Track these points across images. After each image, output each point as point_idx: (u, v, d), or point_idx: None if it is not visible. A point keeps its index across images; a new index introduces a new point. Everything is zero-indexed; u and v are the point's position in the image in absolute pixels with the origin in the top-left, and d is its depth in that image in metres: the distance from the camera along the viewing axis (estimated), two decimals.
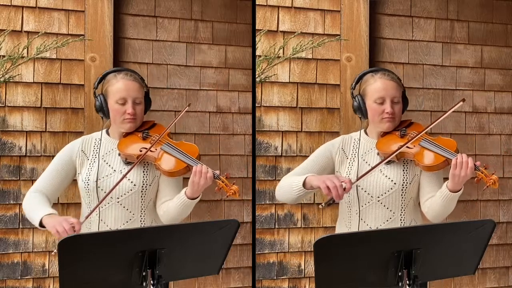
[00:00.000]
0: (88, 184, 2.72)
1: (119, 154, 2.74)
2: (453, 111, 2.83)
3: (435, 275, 2.33)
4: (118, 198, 2.70)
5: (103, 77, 2.81)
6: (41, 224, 2.67)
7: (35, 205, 2.72)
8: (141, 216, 2.74)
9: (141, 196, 2.72)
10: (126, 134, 2.76)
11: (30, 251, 3.49)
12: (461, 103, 2.75)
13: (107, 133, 2.83)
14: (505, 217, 4.06)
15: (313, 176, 2.74)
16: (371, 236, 2.22)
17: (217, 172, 2.63)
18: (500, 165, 4.03)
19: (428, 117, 3.88)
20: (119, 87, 2.74)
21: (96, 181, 2.70)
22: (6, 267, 3.46)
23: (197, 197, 2.66)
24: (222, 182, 2.62)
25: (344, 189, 2.64)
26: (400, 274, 2.18)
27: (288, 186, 2.80)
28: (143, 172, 2.73)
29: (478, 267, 2.35)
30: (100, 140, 2.79)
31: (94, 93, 2.82)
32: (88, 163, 2.76)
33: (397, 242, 2.16)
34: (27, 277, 3.49)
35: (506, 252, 4.06)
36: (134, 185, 2.71)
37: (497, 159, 4.03)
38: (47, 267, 3.50)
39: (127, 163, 2.73)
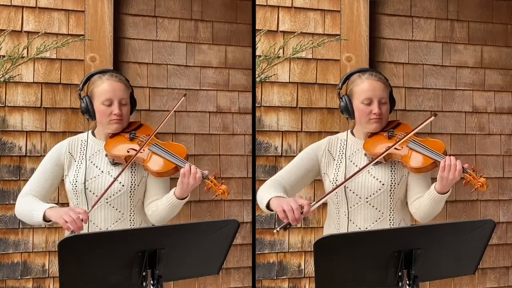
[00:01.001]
0: (76, 186, 2.72)
1: (106, 155, 2.75)
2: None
3: (435, 275, 2.33)
4: (107, 198, 2.71)
5: (88, 78, 2.81)
6: (44, 218, 2.63)
7: (32, 204, 2.70)
8: (130, 215, 2.75)
9: (130, 197, 2.74)
10: (113, 135, 2.77)
11: (30, 251, 3.49)
12: (432, 117, 2.75)
13: (93, 134, 2.83)
14: (505, 217, 4.06)
15: (276, 199, 2.68)
16: (371, 236, 2.22)
17: (206, 172, 2.64)
18: (500, 165, 4.03)
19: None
20: (104, 88, 2.74)
21: (84, 183, 2.71)
22: (6, 267, 3.46)
23: (186, 197, 2.67)
24: (211, 182, 2.63)
25: (302, 212, 2.58)
26: (400, 274, 2.18)
27: (260, 200, 2.78)
28: (131, 172, 2.74)
29: (478, 267, 2.35)
30: (87, 141, 2.80)
31: (79, 95, 2.82)
32: (75, 164, 2.77)
33: (397, 242, 2.16)
34: (27, 277, 3.49)
35: (506, 252, 4.06)
36: (123, 185, 2.72)
37: (497, 159, 4.03)
38: (47, 267, 3.50)
39: (115, 163, 2.74)
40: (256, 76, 3.69)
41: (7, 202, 3.46)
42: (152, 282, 2.16)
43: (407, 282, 2.18)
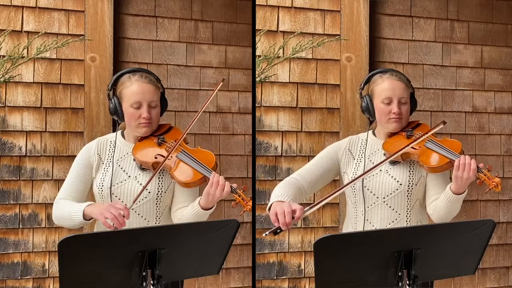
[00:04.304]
0: (102, 190, 2.64)
1: (134, 160, 2.67)
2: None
3: (435, 275, 2.33)
4: (133, 205, 2.63)
5: (118, 78, 2.70)
6: (84, 217, 2.54)
7: (69, 206, 2.61)
8: (156, 223, 2.66)
9: (156, 204, 2.66)
10: (142, 138, 2.68)
11: (30, 251, 3.49)
12: (441, 125, 2.73)
13: (122, 135, 2.74)
14: (505, 217, 4.06)
15: (275, 203, 2.64)
16: (371, 236, 2.22)
17: (234, 185, 2.55)
18: (500, 165, 4.03)
19: (428, 117, 3.88)
20: (133, 90, 2.64)
21: (110, 188, 2.63)
22: (6, 267, 3.46)
23: (211, 208, 2.59)
24: (239, 196, 2.55)
25: (293, 218, 2.55)
26: (400, 274, 2.18)
27: (271, 198, 2.75)
28: (159, 179, 2.65)
29: (478, 267, 2.35)
30: (115, 143, 2.71)
31: (108, 95, 2.71)
32: (103, 167, 2.68)
33: (397, 242, 2.16)
34: (27, 277, 3.49)
35: (506, 252, 4.06)
36: (149, 192, 2.64)
37: (497, 159, 4.03)
38: (47, 267, 3.50)
39: (142, 168, 2.66)
40: (256, 76, 3.69)
41: (7, 202, 3.46)
42: (152, 282, 2.16)
43: (407, 282, 2.18)
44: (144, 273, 2.15)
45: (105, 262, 2.11)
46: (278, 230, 2.54)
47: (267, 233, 2.52)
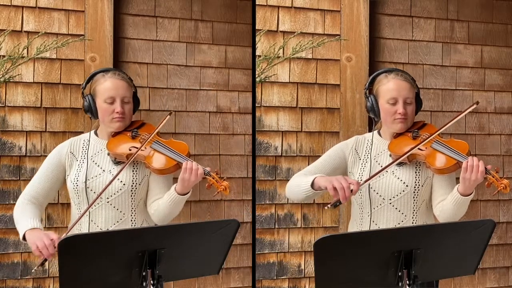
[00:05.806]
0: (77, 185, 2.70)
1: (108, 154, 2.73)
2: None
3: (435, 275, 2.33)
4: (108, 198, 2.69)
5: (91, 77, 2.80)
6: (24, 238, 2.66)
7: (21, 217, 2.71)
8: (131, 215, 2.73)
9: (131, 196, 2.71)
10: (115, 134, 2.76)
11: (30, 251, 3.48)
12: (475, 105, 2.71)
13: (96, 134, 2.82)
14: (505, 217, 4.06)
15: (322, 177, 2.69)
16: (371, 236, 2.22)
17: (208, 168, 2.63)
18: (500, 165, 4.03)
19: (428, 117, 3.88)
20: (107, 86, 2.73)
21: (85, 182, 2.69)
22: (6, 267, 3.46)
23: (187, 193, 2.66)
24: (213, 178, 2.61)
25: (351, 191, 2.59)
26: (400, 274, 2.18)
27: (297, 186, 2.76)
28: (133, 171, 2.72)
29: (478, 267, 2.35)
30: (89, 141, 2.78)
31: (82, 93, 2.80)
32: (77, 164, 2.75)
33: (397, 242, 2.16)
34: (27, 277, 3.49)
35: (506, 252, 4.06)
36: (124, 184, 2.70)
37: (497, 159, 4.03)
38: (47, 267, 3.50)
39: (117, 162, 2.72)
40: (256, 76, 3.69)
41: (7, 202, 3.46)
42: (152, 282, 2.16)
43: (407, 282, 2.18)
44: (144, 273, 2.16)
45: (105, 262, 2.11)
46: (338, 203, 2.61)
47: (328, 206, 2.61)
